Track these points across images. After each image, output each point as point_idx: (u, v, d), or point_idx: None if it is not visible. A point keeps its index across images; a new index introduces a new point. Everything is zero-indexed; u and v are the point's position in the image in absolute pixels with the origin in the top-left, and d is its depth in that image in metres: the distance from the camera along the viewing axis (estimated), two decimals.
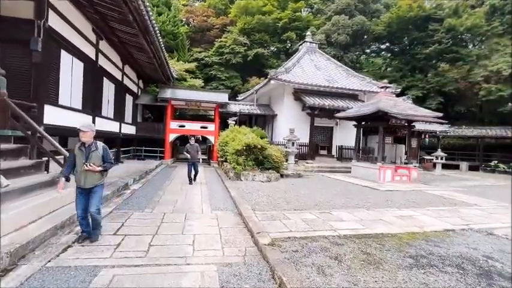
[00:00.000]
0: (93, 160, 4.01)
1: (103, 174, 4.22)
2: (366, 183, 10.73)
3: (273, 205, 6.66)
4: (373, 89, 17.22)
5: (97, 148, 4.09)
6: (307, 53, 19.70)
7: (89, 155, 4.02)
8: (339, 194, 8.44)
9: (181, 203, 6.95)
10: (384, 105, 10.79)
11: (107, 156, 4.20)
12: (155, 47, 11.97)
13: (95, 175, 4.05)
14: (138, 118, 17.40)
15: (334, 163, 16.42)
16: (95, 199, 4.08)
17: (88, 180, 4.03)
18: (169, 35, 24.16)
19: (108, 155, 4.21)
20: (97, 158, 4.06)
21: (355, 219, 5.76)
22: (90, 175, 4.01)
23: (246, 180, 10.24)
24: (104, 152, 4.17)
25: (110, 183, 7.94)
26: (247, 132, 13.65)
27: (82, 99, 9.05)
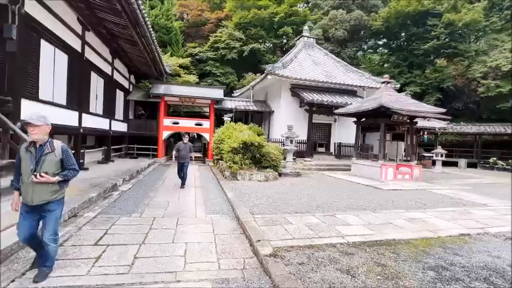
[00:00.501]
0: (46, 167, 2.89)
1: (62, 186, 3.06)
2: (367, 182, 10.32)
3: (273, 207, 6.17)
4: (372, 85, 16.82)
5: (53, 149, 2.96)
6: (304, 48, 19.19)
7: (41, 159, 2.90)
8: (341, 194, 7.99)
9: (173, 205, 6.43)
10: (386, 101, 10.36)
11: (68, 161, 3.04)
12: (146, 40, 11.35)
13: (49, 187, 2.92)
14: (130, 115, 16.74)
15: (333, 161, 16.01)
16: (49, 222, 2.98)
17: (37, 195, 2.88)
18: (162, 29, 23.44)
19: (69, 159, 3.05)
20: (53, 163, 2.93)
21: (363, 223, 5.30)
22: (40, 187, 2.88)
23: (242, 179, 9.75)
24: (64, 154, 3.02)
25: (97, 184, 7.39)
26: (244, 129, 13.13)
27: (67, 94, 8.43)
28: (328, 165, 14.80)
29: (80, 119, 9.26)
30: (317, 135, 17.21)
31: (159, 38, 22.62)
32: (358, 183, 10.32)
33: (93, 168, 10.20)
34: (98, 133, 11.80)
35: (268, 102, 18.77)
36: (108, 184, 7.58)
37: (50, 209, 2.98)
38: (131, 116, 17.00)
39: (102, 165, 11.65)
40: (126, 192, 7.53)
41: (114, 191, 7.59)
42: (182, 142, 8.62)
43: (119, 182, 8.28)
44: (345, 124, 17.24)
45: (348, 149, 17.26)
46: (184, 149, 8.51)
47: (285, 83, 16.04)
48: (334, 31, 25.48)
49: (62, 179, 2.99)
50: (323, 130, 17.46)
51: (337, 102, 14.87)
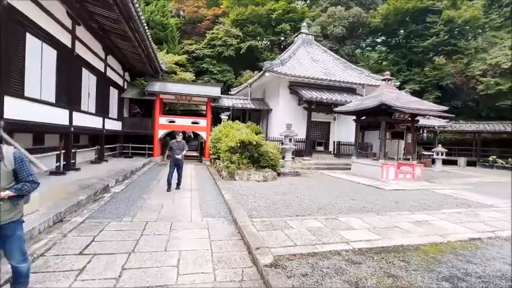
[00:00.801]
0: None
1: (16, 203, 2.44)
2: (368, 182, 10.06)
3: (272, 210, 5.88)
4: (372, 83, 16.56)
5: (2, 158, 2.37)
6: (303, 45, 18.86)
7: None
8: (342, 195, 7.71)
9: (167, 208, 6.11)
10: (387, 98, 10.10)
11: (23, 171, 2.45)
12: (140, 36, 10.97)
13: (2, 205, 2.35)
14: (125, 113, 16.34)
15: (332, 160, 15.75)
16: (12, 249, 2.46)
17: None
18: (158, 26, 23.02)
19: (24, 169, 2.45)
20: (4, 175, 2.36)
21: (367, 226, 5.02)
22: None
23: (240, 180, 9.44)
24: (17, 163, 2.44)
25: (87, 186, 7.05)
26: (241, 128, 12.80)
27: (56, 91, 8.05)
28: (328, 164, 14.53)
29: (70, 118, 8.89)
30: (316, 134, 16.94)
31: (154, 35, 22.20)
32: (359, 183, 10.06)
33: (85, 169, 9.84)
34: (90, 132, 11.43)
35: (266, 100, 18.45)
36: (99, 185, 7.24)
37: (7, 234, 2.41)
38: (126, 114, 16.60)
39: (95, 165, 11.28)
40: (118, 194, 7.19)
41: (106, 192, 7.25)
42: (175, 140, 7.98)
43: (111, 183, 7.94)
44: (345, 122, 16.99)
45: (347, 147, 17.02)
46: (178, 148, 7.85)
47: (283, 81, 15.73)
48: (333, 28, 25.18)
49: (14, 194, 2.37)
50: (322, 128, 17.19)
51: (336, 100, 14.60)
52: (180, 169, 8.00)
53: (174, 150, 7.81)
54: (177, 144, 7.90)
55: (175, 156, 7.77)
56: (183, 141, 8.20)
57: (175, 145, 7.86)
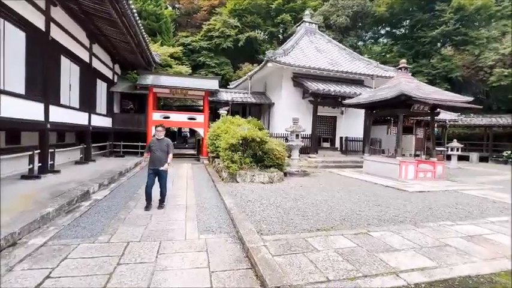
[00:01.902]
0: None
1: None
2: (386, 182, 8.97)
3: (286, 222, 4.76)
4: (381, 73, 15.44)
5: None
6: (306, 35, 17.66)
7: None
8: (363, 200, 6.62)
9: (157, 220, 4.98)
10: (407, 88, 8.98)
11: None
12: (128, 20, 9.75)
13: None
14: (116, 109, 15.13)
15: (339, 157, 14.66)
16: None
17: None
18: (151, 16, 21.71)
19: None
20: None
21: (411, 245, 3.93)
22: None
23: (243, 181, 8.32)
24: None
25: (61, 193, 5.89)
26: (242, 123, 11.67)
27: (26, 81, 6.85)
28: (335, 162, 13.43)
29: (46, 112, 7.68)
30: (321, 129, 15.82)
31: (147, 26, 20.92)
32: (375, 183, 8.97)
33: (67, 170, 8.67)
34: (73, 129, 10.27)
35: (268, 94, 17.28)
36: (76, 192, 6.08)
37: None
38: (117, 110, 15.38)
39: (80, 166, 10.10)
40: (99, 202, 6.04)
41: (85, 200, 6.10)
42: (155, 138, 5.78)
43: (93, 188, 6.78)
44: (352, 117, 15.90)
45: (355, 143, 15.95)
46: (159, 148, 5.66)
47: (286, 72, 14.55)
48: (336, 18, 23.93)
49: None
50: (328, 123, 16.07)
51: (344, 92, 13.46)
52: (162, 179, 5.74)
53: (154, 152, 5.64)
54: (158, 144, 5.70)
55: (155, 162, 5.61)
56: (167, 139, 5.85)
57: (156, 144, 5.69)
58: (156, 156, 5.63)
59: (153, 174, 5.69)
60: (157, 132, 5.77)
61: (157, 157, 5.62)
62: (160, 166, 5.61)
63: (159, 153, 5.64)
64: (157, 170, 5.63)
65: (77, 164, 10.38)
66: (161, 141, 5.73)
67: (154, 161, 5.62)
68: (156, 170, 5.65)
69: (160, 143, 5.71)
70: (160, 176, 5.72)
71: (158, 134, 5.75)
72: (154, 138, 5.79)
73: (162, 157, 5.65)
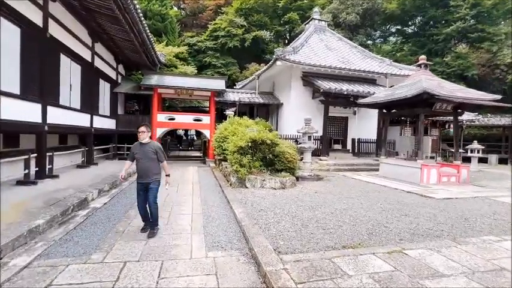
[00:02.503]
0: None
1: None
2: (407, 187, 8.29)
3: (306, 237, 4.16)
4: (396, 72, 14.74)
5: None
6: (315, 32, 17.04)
7: None
8: (388, 209, 5.97)
9: (159, 234, 4.42)
10: (429, 86, 8.30)
11: None
12: (131, 17, 9.31)
13: None
14: (119, 110, 14.71)
15: (352, 159, 13.99)
16: None
17: None
18: (156, 16, 21.35)
19: None
20: None
21: (460, 268, 3.29)
22: None
23: (252, 187, 7.73)
24: None
25: (56, 201, 5.39)
26: (250, 124, 11.11)
27: (21, 80, 6.39)
28: (348, 164, 12.76)
29: (44, 114, 7.23)
30: (332, 131, 15.17)
31: (152, 26, 20.59)
32: (396, 188, 8.29)
33: (66, 175, 8.21)
34: (73, 131, 9.83)
35: (276, 94, 16.69)
36: (73, 200, 5.58)
37: None
38: (121, 111, 14.97)
39: (81, 169, 9.65)
40: (97, 211, 5.53)
41: (82, 209, 5.59)
42: (139, 142, 4.42)
43: (91, 194, 6.28)
44: (364, 117, 15.22)
45: (367, 145, 15.26)
46: (144, 155, 4.32)
47: (296, 71, 13.95)
48: (346, 15, 23.24)
49: None
50: (339, 124, 15.42)
51: (358, 91, 12.79)
52: (151, 194, 4.34)
53: (138, 161, 4.36)
54: (143, 150, 4.33)
55: (142, 173, 4.34)
56: (154, 142, 4.54)
57: (140, 152, 4.35)
58: (143, 167, 4.31)
59: (142, 190, 4.37)
60: (139, 134, 4.32)
61: (144, 167, 4.29)
62: (149, 178, 4.29)
63: (145, 161, 4.31)
64: (146, 185, 4.33)
65: (78, 167, 9.94)
66: (146, 146, 4.35)
67: (141, 173, 4.35)
68: (145, 185, 4.34)
69: (145, 149, 4.33)
70: (149, 190, 4.34)
71: (141, 136, 4.33)
72: (137, 143, 4.43)
73: (151, 167, 4.31)
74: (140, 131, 4.33)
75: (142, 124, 4.41)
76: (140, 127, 4.35)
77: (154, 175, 4.38)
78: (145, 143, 4.39)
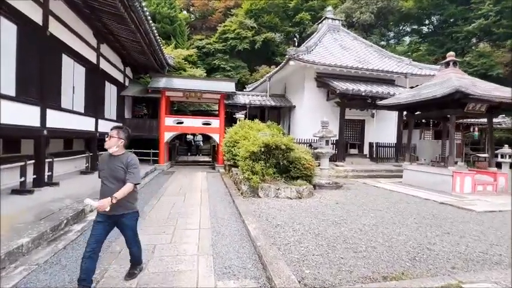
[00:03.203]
0: None
1: None
2: (439, 197, 7.42)
3: (336, 263, 3.42)
4: (417, 72, 13.84)
5: None
6: (329, 32, 16.32)
7: None
8: (424, 224, 5.16)
9: (160, 255, 3.78)
10: (463, 84, 7.46)
11: None
12: (137, 16, 8.84)
13: None
14: (127, 114, 14.33)
15: (370, 165, 13.11)
16: None
17: None
18: (165, 19, 21.08)
19: None
20: None
21: None
22: None
23: (266, 196, 7.03)
24: None
25: (50, 214, 4.84)
26: (262, 128, 10.47)
27: (17, 80, 5.93)
28: (367, 171, 11.90)
29: (43, 117, 6.76)
30: (348, 134, 14.32)
31: (161, 29, 20.30)
32: (425, 199, 7.43)
33: (67, 182, 7.71)
34: (76, 135, 9.40)
35: (288, 96, 16.01)
36: (68, 212, 5.01)
37: None
38: (128, 115, 14.59)
39: (85, 176, 9.17)
40: None
41: (78, 222, 5.01)
42: (106, 154, 2.99)
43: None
44: (382, 120, 14.35)
45: (386, 150, 14.36)
46: (110, 173, 2.88)
47: (309, 71, 13.25)
48: (359, 15, 22.43)
49: None
50: (355, 128, 14.57)
51: (377, 92, 11.97)
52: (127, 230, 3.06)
53: (101, 183, 2.96)
54: (108, 165, 2.92)
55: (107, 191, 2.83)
56: (129, 154, 3.00)
57: (105, 167, 2.95)
58: (107, 191, 2.80)
59: (102, 224, 2.85)
60: (108, 140, 2.88)
61: (109, 193, 2.73)
62: (120, 209, 2.86)
63: (110, 183, 2.85)
64: (115, 219, 2.91)
65: (82, 173, 9.47)
66: (115, 159, 2.89)
67: (104, 192, 2.87)
68: (112, 218, 2.89)
69: (113, 164, 2.87)
70: (124, 226, 3.00)
71: (108, 143, 2.87)
72: (106, 154, 2.99)
73: (118, 185, 2.83)
74: (110, 135, 2.88)
75: (115, 127, 3.01)
76: (112, 130, 2.93)
77: (128, 203, 2.94)
78: (117, 156, 2.90)
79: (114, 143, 2.87)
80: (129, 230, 3.06)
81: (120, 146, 2.92)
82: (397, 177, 11.26)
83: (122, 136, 2.93)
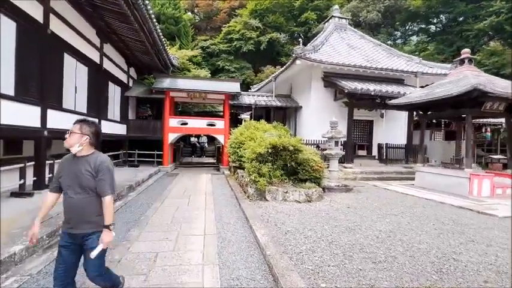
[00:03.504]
0: None
1: None
2: (456, 201, 7.04)
3: (354, 276, 3.11)
4: (427, 71, 13.43)
5: None
6: (335, 31, 16.00)
7: None
8: (444, 231, 4.81)
9: (162, 264, 3.51)
10: (480, 82, 7.07)
11: None
12: (141, 14, 8.67)
13: None
14: (131, 115, 14.16)
15: (379, 167, 12.72)
16: None
17: None
18: (169, 20, 20.96)
19: None
20: None
21: None
22: None
23: (273, 200, 6.73)
24: None
25: (47, 219, 4.56)
26: (269, 129, 10.18)
27: (16, 79, 5.73)
28: (376, 172, 11.53)
29: (43, 117, 6.57)
30: (356, 135, 13.96)
31: (166, 30, 20.19)
32: (441, 202, 7.05)
33: None
34: None
35: (294, 96, 15.70)
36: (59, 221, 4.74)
37: None
38: (132, 116, 14.42)
39: None
40: None
41: None
42: (70, 155, 2.32)
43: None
44: (392, 120, 13.95)
45: (395, 151, 13.93)
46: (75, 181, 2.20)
47: (316, 71, 12.94)
48: (366, 14, 22.05)
49: None
50: (363, 128, 14.20)
51: (386, 91, 11.60)
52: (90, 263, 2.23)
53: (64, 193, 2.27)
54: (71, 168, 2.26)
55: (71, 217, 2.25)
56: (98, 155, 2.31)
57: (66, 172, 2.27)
58: (72, 204, 2.22)
59: (67, 249, 2.25)
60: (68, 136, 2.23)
61: (74, 205, 2.21)
62: (86, 227, 2.23)
63: (75, 193, 2.21)
64: (80, 240, 2.25)
65: None
66: (80, 161, 2.25)
67: (69, 215, 2.26)
68: (77, 239, 2.25)
69: (78, 167, 2.23)
70: (84, 251, 2.27)
71: (68, 140, 2.22)
72: (68, 156, 2.35)
73: (86, 206, 2.22)
74: (71, 131, 2.22)
75: (78, 120, 2.32)
76: (75, 123, 2.28)
77: (96, 219, 2.23)
78: (81, 157, 2.25)
79: (75, 140, 2.20)
80: (92, 259, 2.17)
81: (85, 144, 2.25)
82: (407, 179, 10.89)
83: (86, 131, 2.25)
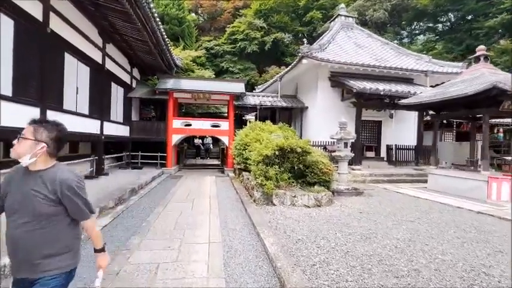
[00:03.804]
0: None
1: None
2: (474, 206, 6.67)
3: None
4: (438, 69, 13.03)
5: None
6: (342, 29, 15.66)
7: None
8: (469, 240, 4.45)
9: (164, 277, 3.23)
10: (500, 80, 6.70)
11: None
12: (144, 13, 8.43)
13: None
14: (134, 116, 13.97)
15: (389, 169, 12.34)
16: None
17: None
18: (173, 20, 20.82)
19: None
20: None
21: None
22: None
23: (281, 204, 6.42)
24: None
25: None
26: (275, 130, 9.87)
27: (13, 79, 5.52)
28: (386, 175, 11.15)
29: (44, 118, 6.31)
30: (364, 136, 13.59)
31: (170, 30, 20.05)
32: (459, 207, 6.68)
33: None
34: (80, 138, 8.97)
35: (300, 97, 15.38)
36: None
37: None
38: (135, 117, 14.22)
39: (89, 181, 8.72)
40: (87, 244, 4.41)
41: None
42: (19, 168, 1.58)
43: None
44: (401, 121, 13.56)
45: (405, 152, 13.54)
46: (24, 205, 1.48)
47: (323, 70, 12.61)
48: (373, 12, 21.67)
49: None
50: (371, 129, 13.83)
51: (396, 91, 11.23)
52: None
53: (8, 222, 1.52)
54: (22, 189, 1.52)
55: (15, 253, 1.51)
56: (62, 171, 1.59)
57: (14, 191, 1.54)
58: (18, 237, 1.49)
59: None
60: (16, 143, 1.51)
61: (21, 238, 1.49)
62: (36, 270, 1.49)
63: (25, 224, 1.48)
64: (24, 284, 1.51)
65: (86, 178, 9.05)
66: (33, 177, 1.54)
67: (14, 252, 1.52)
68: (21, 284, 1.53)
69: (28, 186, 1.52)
70: None
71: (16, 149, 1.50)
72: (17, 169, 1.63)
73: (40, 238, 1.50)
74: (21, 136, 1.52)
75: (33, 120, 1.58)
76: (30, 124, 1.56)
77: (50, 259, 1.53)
78: (34, 172, 1.56)
79: (26, 148, 1.50)
80: None
81: (41, 154, 1.53)
82: (418, 182, 10.52)
83: (43, 137, 1.53)
